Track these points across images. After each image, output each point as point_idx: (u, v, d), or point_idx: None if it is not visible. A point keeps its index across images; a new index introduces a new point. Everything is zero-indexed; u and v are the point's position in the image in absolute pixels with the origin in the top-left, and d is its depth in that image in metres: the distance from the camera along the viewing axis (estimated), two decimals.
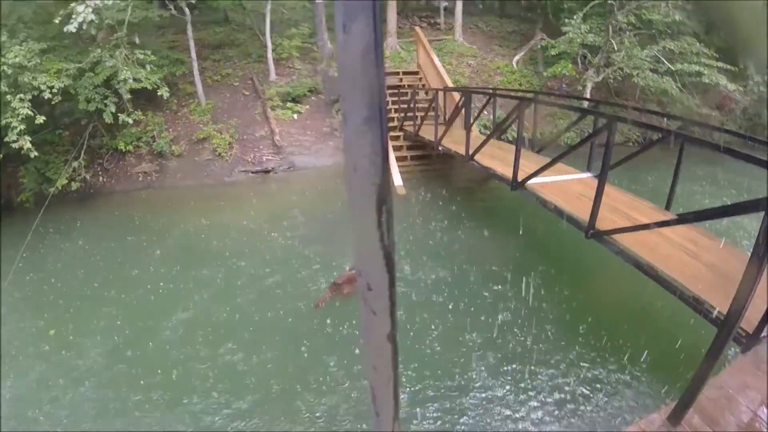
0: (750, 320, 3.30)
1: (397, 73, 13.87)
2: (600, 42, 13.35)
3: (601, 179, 4.84)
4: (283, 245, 7.68)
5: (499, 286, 6.13)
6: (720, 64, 12.90)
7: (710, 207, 5.79)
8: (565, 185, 6.29)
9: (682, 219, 4.36)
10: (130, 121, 10.85)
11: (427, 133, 9.97)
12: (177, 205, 10.08)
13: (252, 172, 11.84)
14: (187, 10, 12.29)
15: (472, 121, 10.47)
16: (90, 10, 9.46)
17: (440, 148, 9.03)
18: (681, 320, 4.56)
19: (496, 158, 7.49)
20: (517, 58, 16.38)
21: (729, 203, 4.77)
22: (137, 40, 10.88)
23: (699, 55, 13.07)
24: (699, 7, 12.53)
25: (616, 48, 13.17)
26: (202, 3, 16.31)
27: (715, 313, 3.53)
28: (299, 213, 8.99)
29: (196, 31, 16.45)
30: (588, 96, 13.80)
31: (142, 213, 9.74)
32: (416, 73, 13.86)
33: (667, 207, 5.90)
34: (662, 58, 13.15)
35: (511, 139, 12.28)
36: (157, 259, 7.43)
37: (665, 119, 9.36)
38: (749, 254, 2.88)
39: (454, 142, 8.82)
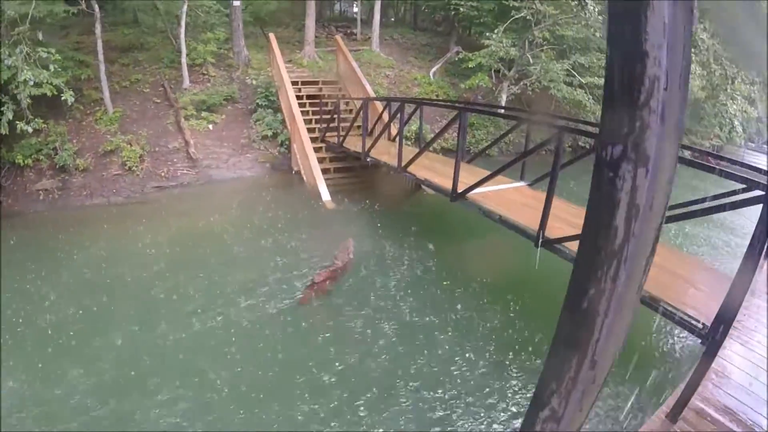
0: None
1: (317, 83, 13.46)
2: (515, 56, 13.79)
3: (551, 188, 4.81)
4: (203, 274, 6.68)
5: (446, 303, 5.91)
6: None
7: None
8: (504, 194, 6.25)
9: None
10: (30, 129, 9.47)
11: (352, 144, 9.68)
12: (81, 228, 8.64)
13: (165, 188, 10.82)
14: (96, 7, 11.12)
15: (396, 133, 10.42)
16: None
17: (368, 160, 8.73)
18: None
19: (429, 169, 7.33)
20: (434, 69, 16.61)
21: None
22: (40, 37, 9.56)
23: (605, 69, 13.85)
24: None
25: (531, 62, 13.66)
26: (110, 2, 15.07)
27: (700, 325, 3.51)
28: (219, 234, 8.03)
29: (104, 32, 15.14)
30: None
31: (41, 239, 8.24)
32: (336, 83, 13.54)
33: None
34: (574, 72, 13.82)
35: (436, 148, 12.46)
36: (51, 299, 6.07)
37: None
38: (697, 258, 2.91)
39: (381, 153, 8.58)
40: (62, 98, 9.76)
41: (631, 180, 0.53)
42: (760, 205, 3.02)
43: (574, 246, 4.59)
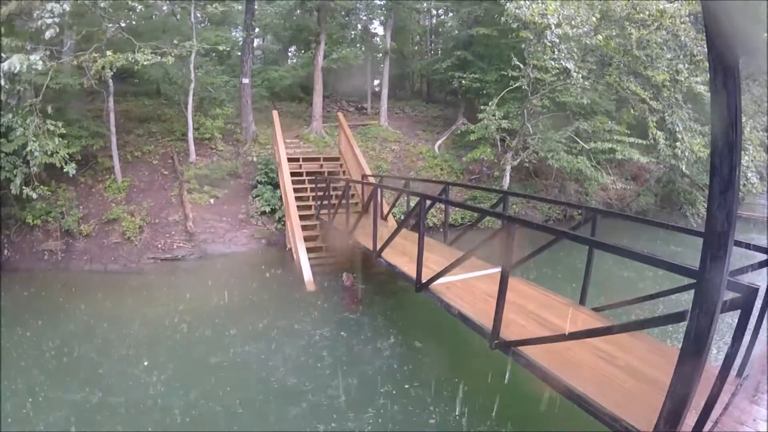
0: None
1: (318, 159, 13.58)
2: (517, 126, 13.75)
3: (502, 283, 4.41)
4: (187, 354, 6.51)
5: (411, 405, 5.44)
6: (631, 139, 13.54)
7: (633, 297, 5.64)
8: (473, 284, 5.88)
9: (604, 330, 3.91)
10: (35, 195, 9.95)
11: (342, 223, 9.56)
12: (76, 294, 8.83)
13: (161, 260, 10.91)
14: (111, 82, 11.70)
15: (387, 212, 10.29)
16: (1, 73, 8.75)
17: (350, 242, 8.56)
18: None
19: (407, 254, 7.06)
20: (439, 143, 16.72)
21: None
22: (49, 110, 10.03)
23: (611, 132, 13.71)
24: (610, 86, 13.24)
25: (531, 131, 13.56)
26: (138, 74, 15.83)
27: None
28: (195, 314, 7.75)
29: (125, 101, 15.94)
30: (508, 178, 14.03)
31: (38, 300, 8.53)
32: (337, 159, 13.66)
33: (582, 300, 5.56)
34: (577, 138, 13.64)
35: (432, 225, 12.24)
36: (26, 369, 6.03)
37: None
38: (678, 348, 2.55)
39: (367, 234, 8.38)
40: (64, 170, 10.08)
41: None
42: None
43: (532, 351, 4.18)
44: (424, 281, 5.68)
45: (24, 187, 9.79)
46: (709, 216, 2.20)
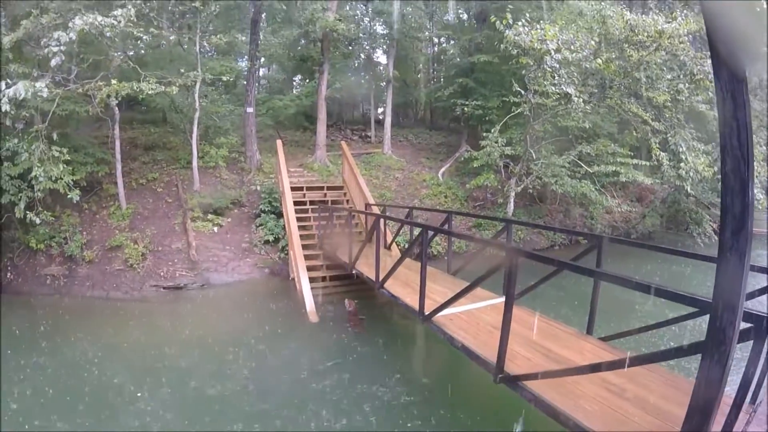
0: None
1: (322, 188, 13.59)
2: (520, 152, 13.73)
3: (506, 315, 4.30)
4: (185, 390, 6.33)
5: None
6: (635, 160, 13.48)
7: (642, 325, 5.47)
8: (478, 315, 5.76)
9: (611, 365, 3.75)
10: (38, 220, 10.05)
11: (345, 253, 9.48)
12: (76, 321, 8.84)
13: (163, 288, 10.82)
14: (116, 110, 11.88)
15: (390, 241, 10.22)
16: (6, 99, 8.82)
17: (354, 272, 8.46)
18: None
19: (410, 285, 6.94)
20: (442, 170, 16.73)
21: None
22: (55, 136, 10.14)
23: (614, 155, 13.66)
24: (611, 108, 13.22)
25: (534, 157, 13.53)
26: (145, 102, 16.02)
27: None
28: (207, 344, 7.65)
29: (131, 129, 16.10)
30: (512, 204, 13.95)
31: (38, 325, 8.55)
32: (341, 188, 13.66)
33: (589, 330, 5.41)
34: (580, 162, 13.59)
35: (435, 253, 12.12)
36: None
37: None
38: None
39: (370, 264, 8.27)
40: (68, 196, 10.17)
41: None
42: None
43: (538, 385, 4.04)
44: (427, 313, 5.56)
45: (28, 212, 9.87)
46: (721, 249, 2.10)
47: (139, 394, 6.08)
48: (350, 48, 20.41)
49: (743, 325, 2.59)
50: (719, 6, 1.77)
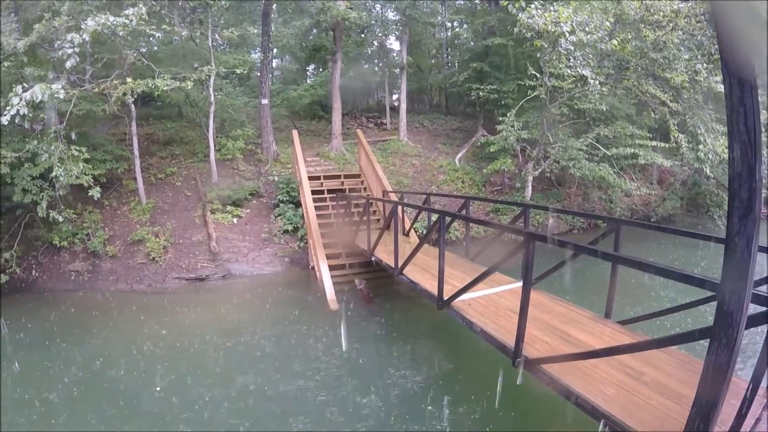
0: None
1: (339, 177, 13.67)
2: (537, 135, 13.63)
3: (524, 300, 4.34)
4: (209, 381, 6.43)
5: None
6: (654, 143, 13.31)
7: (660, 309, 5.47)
8: (496, 300, 5.81)
9: (629, 347, 3.79)
10: (60, 218, 10.36)
11: (362, 241, 9.57)
12: (102, 315, 9.06)
13: (185, 279, 11.09)
14: (132, 107, 12.09)
15: (409, 227, 10.28)
16: (24, 103, 8.96)
17: (372, 259, 8.57)
18: None
19: (429, 270, 7.03)
20: (459, 156, 16.67)
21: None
22: (73, 136, 10.40)
23: (633, 137, 13.50)
24: (629, 90, 13.05)
25: (551, 140, 13.44)
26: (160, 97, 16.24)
27: None
28: (214, 334, 7.87)
29: (148, 125, 16.36)
30: (530, 188, 13.88)
31: (65, 321, 8.78)
32: (358, 176, 13.72)
33: (607, 313, 5.43)
34: (598, 145, 13.46)
35: (454, 239, 12.16)
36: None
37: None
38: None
39: (389, 251, 8.34)
40: (89, 193, 10.45)
41: None
42: None
43: (556, 369, 4.10)
44: (445, 298, 5.63)
45: (50, 211, 10.15)
46: (729, 234, 2.13)
47: (173, 379, 6.27)
48: (363, 35, 20.35)
49: (758, 309, 2.62)
50: None
